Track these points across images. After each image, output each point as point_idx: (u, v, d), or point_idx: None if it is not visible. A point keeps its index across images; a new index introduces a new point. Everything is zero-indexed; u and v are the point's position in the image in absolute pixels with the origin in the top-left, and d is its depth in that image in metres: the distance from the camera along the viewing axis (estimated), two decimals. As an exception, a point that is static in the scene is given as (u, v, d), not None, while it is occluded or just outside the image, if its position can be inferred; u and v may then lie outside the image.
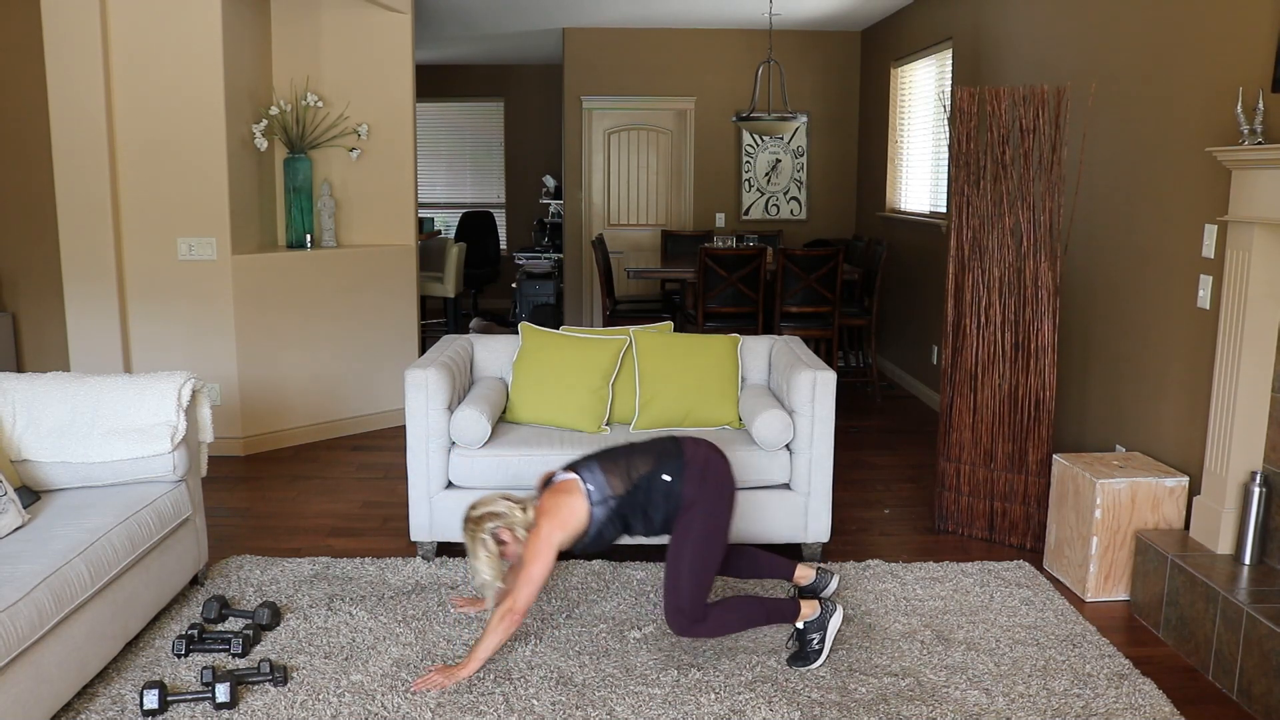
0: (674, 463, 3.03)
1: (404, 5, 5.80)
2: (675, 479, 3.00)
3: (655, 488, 3.00)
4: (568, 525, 2.95)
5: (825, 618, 3.10)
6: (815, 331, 6.29)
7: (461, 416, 3.74)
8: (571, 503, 2.96)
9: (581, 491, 2.98)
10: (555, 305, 9.21)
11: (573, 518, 2.95)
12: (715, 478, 3.04)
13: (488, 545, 2.91)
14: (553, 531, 2.92)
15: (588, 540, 3.02)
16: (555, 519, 2.93)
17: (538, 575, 2.90)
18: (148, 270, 5.10)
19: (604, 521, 2.99)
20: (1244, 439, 3.30)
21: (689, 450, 3.08)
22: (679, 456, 3.05)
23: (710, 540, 2.99)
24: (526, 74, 11.00)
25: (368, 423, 5.83)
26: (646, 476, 3.00)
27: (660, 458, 3.05)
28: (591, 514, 2.97)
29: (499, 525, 2.94)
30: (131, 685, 2.92)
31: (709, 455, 3.08)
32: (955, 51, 6.19)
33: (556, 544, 2.93)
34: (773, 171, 8.68)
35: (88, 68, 4.88)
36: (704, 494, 3.00)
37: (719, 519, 3.02)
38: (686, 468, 3.02)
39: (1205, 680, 3.11)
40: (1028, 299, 4.06)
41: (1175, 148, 3.77)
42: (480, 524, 2.93)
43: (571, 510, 2.96)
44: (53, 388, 3.34)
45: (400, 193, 5.97)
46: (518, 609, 2.92)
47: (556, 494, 2.99)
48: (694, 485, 3.00)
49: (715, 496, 3.02)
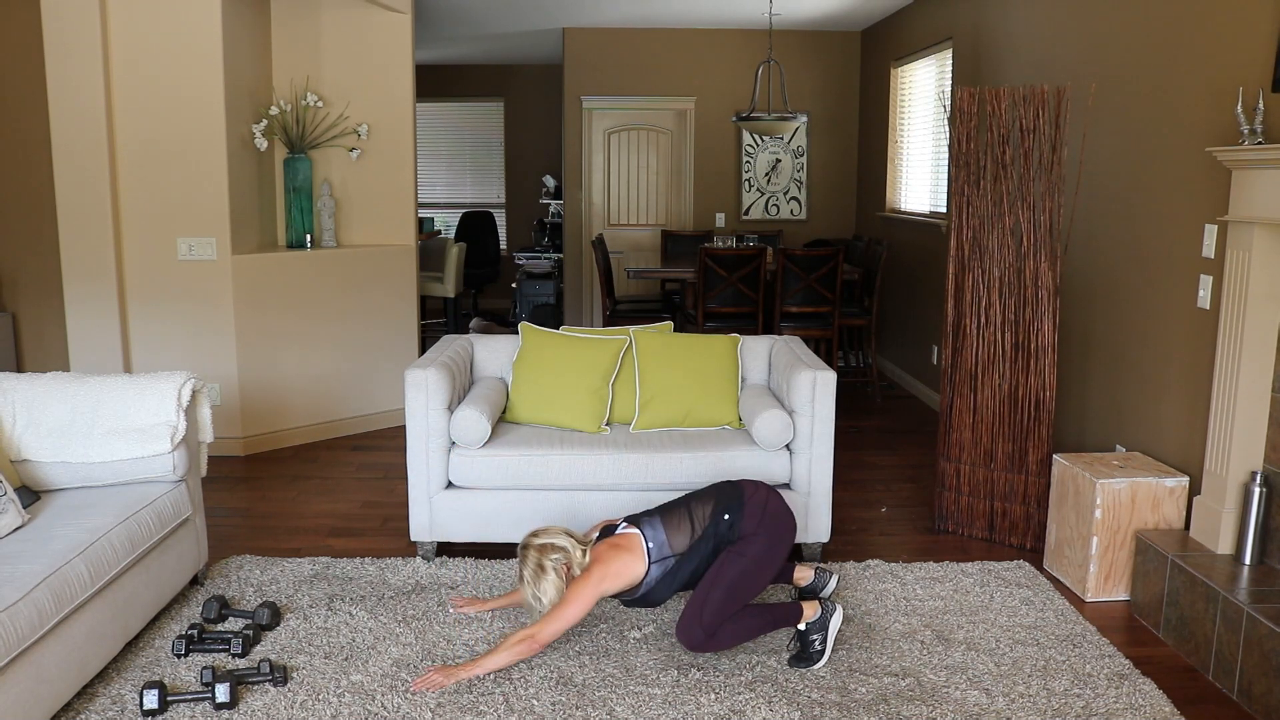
0: (734, 503, 3.09)
1: (404, 5, 5.80)
2: (735, 516, 3.06)
3: (718, 530, 3.05)
4: (619, 579, 2.99)
5: (826, 618, 3.11)
6: (815, 331, 6.29)
7: (461, 416, 3.74)
8: (629, 561, 3.00)
9: (642, 550, 3.02)
10: (555, 305, 9.21)
11: (626, 574, 3.00)
12: (776, 514, 3.11)
13: (558, 573, 2.97)
14: (602, 581, 2.96)
15: (636, 596, 3.06)
16: (608, 571, 2.97)
17: (571, 617, 2.94)
18: (148, 270, 5.10)
19: (658, 579, 3.03)
20: (1244, 439, 3.30)
21: (748, 491, 3.14)
22: (739, 498, 3.11)
23: (758, 568, 3.04)
24: (526, 74, 11.00)
25: (368, 423, 5.83)
26: (710, 522, 3.05)
27: (720, 500, 3.10)
28: (648, 571, 3.02)
29: (560, 560, 2.99)
30: (131, 685, 2.92)
31: (769, 496, 3.15)
32: (955, 51, 6.19)
33: (598, 595, 2.97)
34: (773, 171, 8.68)
35: (88, 68, 4.87)
36: (764, 525, 3.06)
37: (773, 553, 3.08)
38: (746, 505, 3.08)
39: (1205, 680, 3.11)
40: (1028, 299, 4.06)
41: (1175, 148, 3.77)
42: (545, 553, 3.00)
43: (627, 568, 3.00)
44: (53, 388, 3.34)
45: (400, 193, 5.97)
46: (539, 640, 2.95)
47: (617, 547, 3.03)
48: (754, 520, 3.07)
49: (773, 531, 3.08)
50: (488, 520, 3.81)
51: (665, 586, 3.05)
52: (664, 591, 3.07)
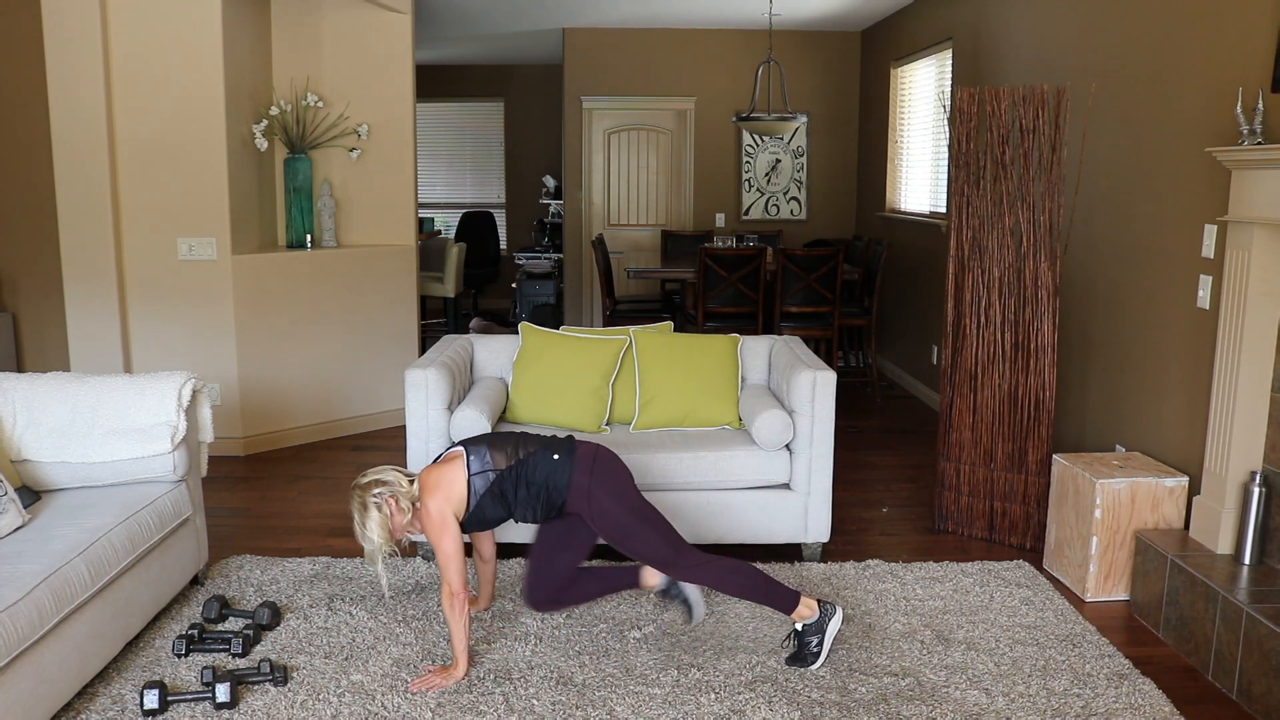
0: (564, 447, 3.07)
1: (404, 5, 5.80)
2: (564, 459, 3.03)
3: (541, 464, 3.02)
4: (450, 495, 2.96)
5: (824, 621, 3.08)
6: (815, 331, 6.29)
7: (462, 416, 3.74)
8: (450, 472, 2.99)
9: (462, 463, 3.01)
10: (555, 305, 9.21)
11: (453, 487, 2.97)
12: (605, 465, 3.07)
13: (381, 508, 2.92)
14: (440, 505, 2.94)
15: (468, 513, 3.02)
16: (438, 491, 2.95)
17: (450, 549, 2.93)
18: (148, 270, 5.10)
19: (484, 493, 3.00)
20: (1244, 439, 3.30)
21: (580, 445, 3.12)
22: (569, 445, 3.09)
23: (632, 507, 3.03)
24: (526, 74, 11.00)
25: (368, 423, 5.84)
26: (533, 454, 3.04)
27: (550, 443, 3.09)
28: (470, 484, 2.99)
29: (385, 493, 2.94)
30: (132, 685, 2.92)
31: (598, 450, 3.12)
32: (955, 51, 6.19)
33: (449, 514, 2.95)
34: (773, 172, 8.68)
35: (88, 68, 4.88)
36: (596, 481, 3.02)
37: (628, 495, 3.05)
38: (576, 452, 3.06)
39: (1205, 680, 3.11)
40: (1027, 299, 4.06)
41: (1175, 148, 3.77)
42: (367, 490, 2.94)
43: (451, 480, 2.98)
44: (53, 388, 3.34)
45: (400, 193, 5.97)
46: (455, 589, 2.93)
47: (438, 466, 3.02)
48: (584, 472, 3.02)
49: (612, 480, 3.05)
50: (488, 520, 3.81)
51: (493, 503, 3.02)
52: (493, 510, 3.03)
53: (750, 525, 3.83)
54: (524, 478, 3.01)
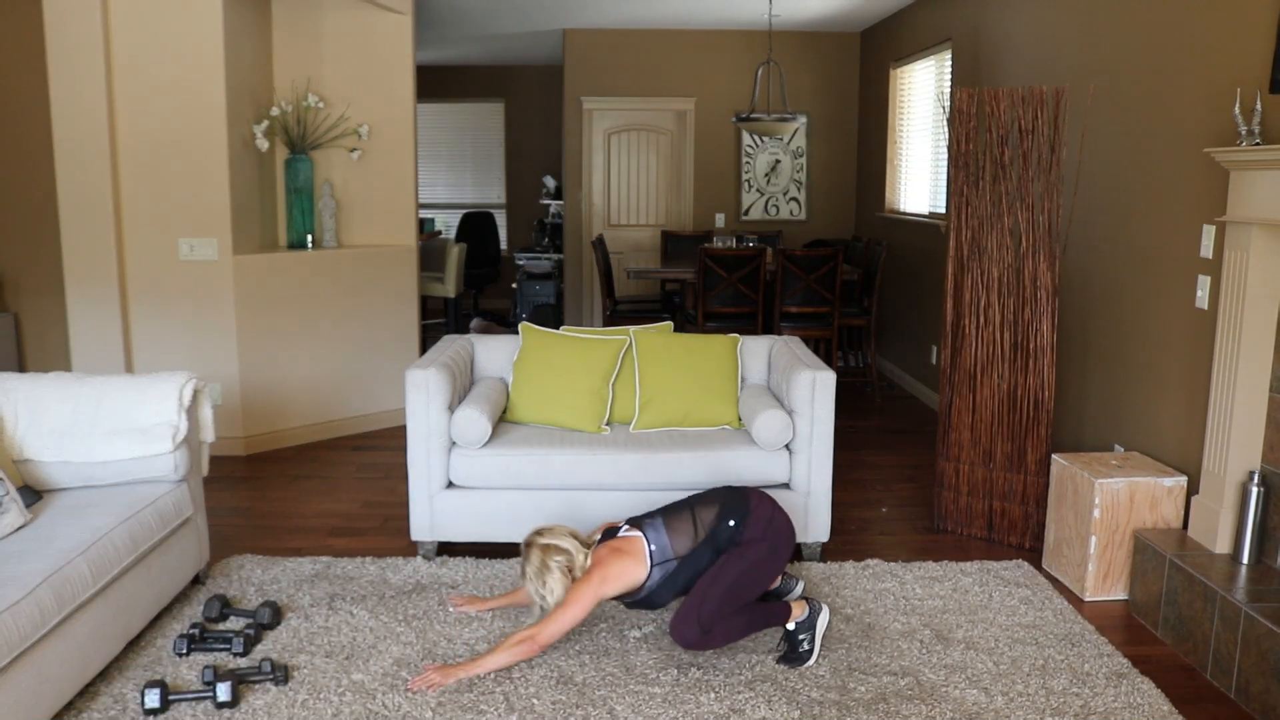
0: (740, 509, 3.09)
1: (404, 6, 5.81)
2: (739, 523, 3.06)
3: (720, 535, 3.05)
4: (619, 583, 3.00)
5: (814, 618, 3.11)
6: (815, 331, 6.30)
7: (462, 416, 3.75)
8: (631, 566, 3.00)
9: (644, 554, 3.02)
10: (555, 305, 9.22)
11: (627, 577, 3.00)
12: (781, 525, 3.11)
13: (562, 573, 2.99)
14: (603, 585, 2.97)
15: (638, 599, 3.07)
16: (608, 574, 2.98)
17: (571, 620, 2.95)
18: (149, 270, 5.11)
19: (659, 583, 3.03)
20: (1242, 439, 3.30)
21: (754, 500, 3.14)
22: (744, 504, 3.11)
23: (759, 571, 3.05)
24: (527, 75, 11.01)
25: (368, 422, 5.85)
26: (712, 528, 3.05)
27: (725, 505, 3.10)
28: (649, 575, 3.02)
29: (564, 562, 3.01)
30: (133, 684, 2.93)
31: (774, 510, 3.14)
32: (954, 52, 6.20)
33: (600, 597, 2.98)
34: (772, 172, 8.69)
35: (89, 68, 4.89)
36: (768, 533, 3.07)
37: (776, 557, 3.09)
38: (751, 514, 3.08)
39: (1203, 679, 3.12)
40: (1027, 299, 4.07)
41: (1174, 148, 3.78)
42: (548, 553, 3.01)
43: (628, 571, 3.00)
44: (55, 388, 3.35)
45: (401, 193, 5.98)
46: (540, 641, 2.96)
47: (618, 551, 3.03)
48: (759, 528, 3.07)
49: (776, 542, 3.09)
50: (488, 520, 3.83)
51: (666, 589, 3.05)
52: (665, 594, 3.07)
53: (750, 525, 3.84)
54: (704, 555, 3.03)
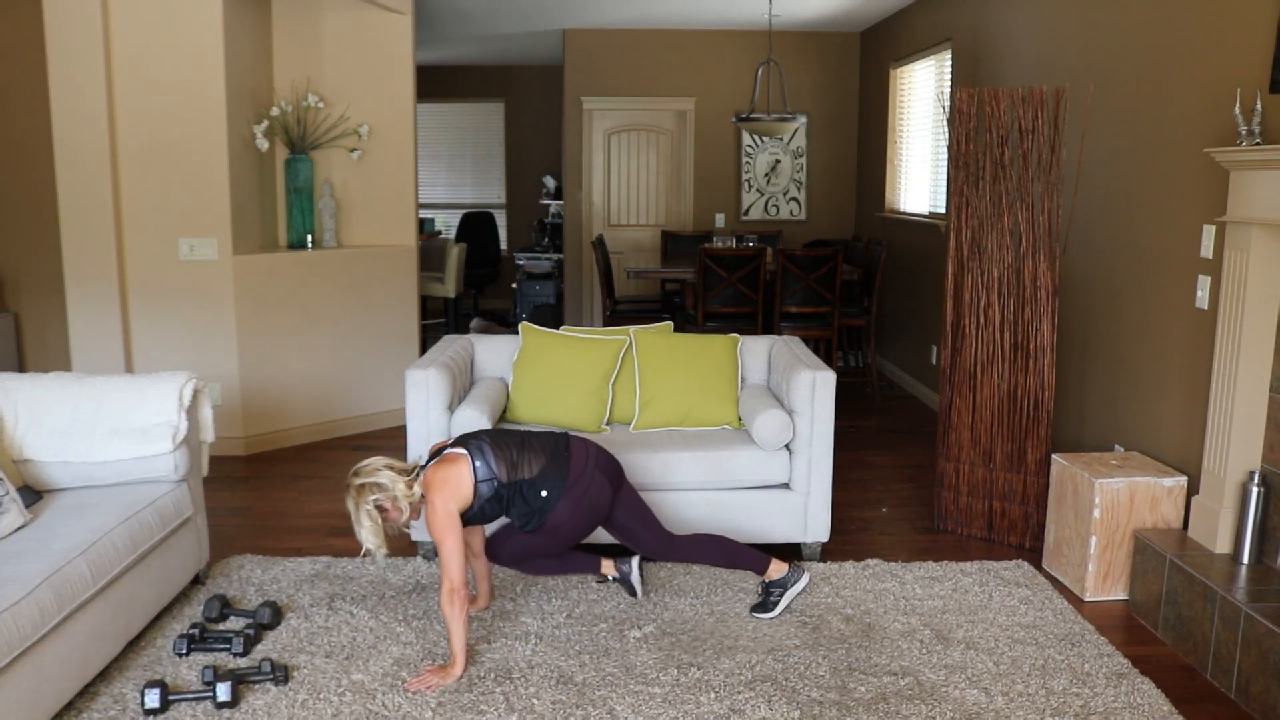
0: (558, 483, 3.12)
1: (404, 6, 5.81)
2: (550, 495, 3.11)
3: (529, 494, 3.10)
4: (457, 494, 3.02)
5: (788, 580, 3.39)
6: (815, 332, 6.30)
7: (462, 416, 3.75)
8: (458, 473, 3.03)
9: (469, 467, 3.05)
10: (555, 305, 9.22)
11: (461, 487, 3.02)
12: (590, 502, 3.17)
13: (372, 516, 2.98)
14: (447, 502, 2.99)
15: (470, 514, 3.08)
16: (445, 490, 3.00)
17: (454, 547, 2.97)
18: (149, 270, 5.11)
19: (487, 499, 3.07)
20: (1242, 439, 3.30)
21: (576, 466, 3.16)
22: (564, 477, 3.13)
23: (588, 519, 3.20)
24: (527, 75, 11.01)
25: (368, 422, 5.85)
26: (530, 480, 3.10)
27: (546, 469, 3.12)
28: (477, 489, 3.05)
29: (381, 498, 2.98)
30: (133, 684, 2.93)
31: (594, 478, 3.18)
32: (954, 52, 6.20)
33: (454, 512, 3.00)
34: (772, 172, 8.69)
35: (89, 68, 4.89)
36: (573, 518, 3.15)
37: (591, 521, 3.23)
38: (569, 490, 3.12)
39: (1203, 679, 3.12)
40: (1027, 299, 4.07)
41: (1174, 148, 3.78)
42: (363, 494, 2.98)
43: (460, 479, 3.02)
44: (54, 388, 3.35)
45: (401, 193, 5.98)
46: (455, 585, 2.95)
47: (445, 466, 3.04)
48: (566, 510, 3.13)
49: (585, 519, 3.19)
50: (488, 520, 3.82)
51: (493, 507, 3.10)
52: (492, 512, 3.12)
53: (750, 525, 3.84)
54: (520, 498, 3.11)
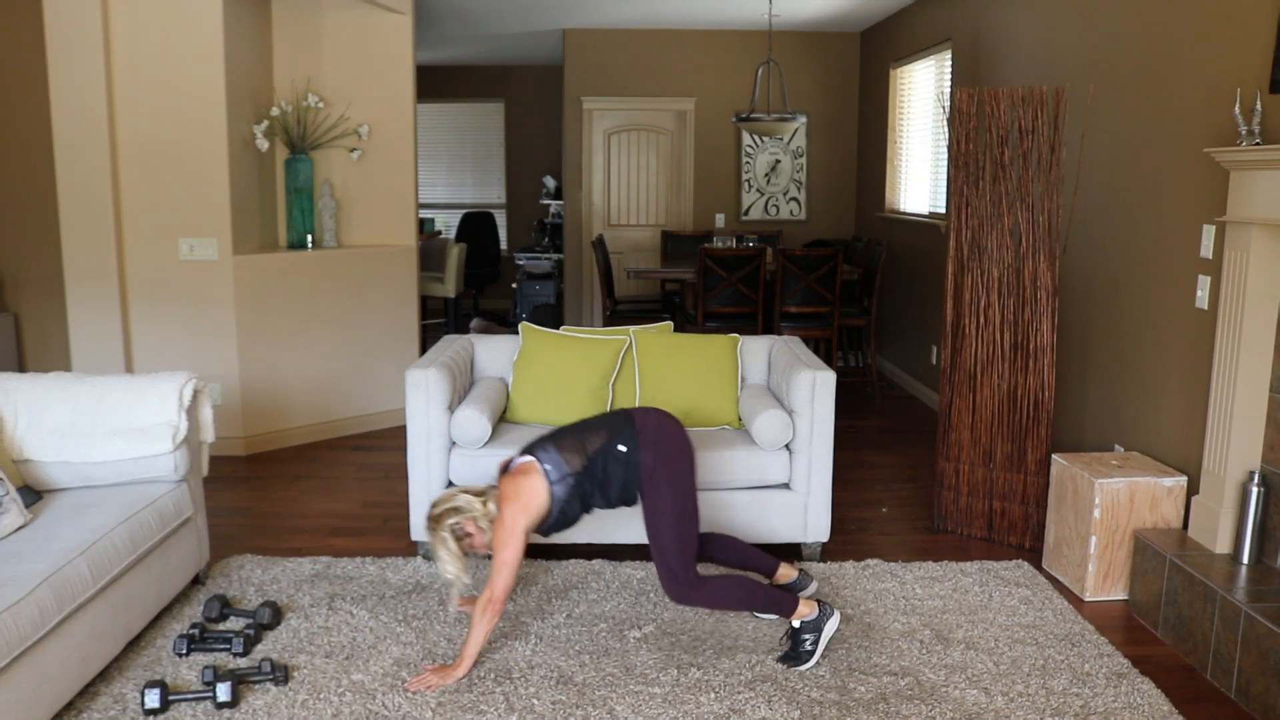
0: (627, 432, 3.06)
1: (404, 6, 5.81)
2: (630, 448, 3.03)
3: (612, 459, 3.02)
4: (530, 508, 2.97)
5: (822, 621, 3.10)
6: (815, 332, 6.30)
7: (462, 416, 3.75)
8: (531, 484, 2.98)
9: (540, 472, 3.00)
10: (555, 305, 9.22)
11: (534, 499, 2.98)
12: (670, 441, 3.07)
13: (449, 544, 2.95)
14: (516, 516, 2.95)
15: (551, 520, 3.04)
16: (517, 503, 2.96)
17: (510, 560, 2.94)
18: (149, 270, 5.11)
19: (565, 500, 3.01)
20: (1242, 439, 3.31)
21: (640, 419, 3.11)
22: (630, 426, 3.08)
23: (682, 504, 3.04)
24: (527, 75, 11.01)
25: (368, 422, 5.85)
26: (601, 450, 3.03)
27: (613, 430, 3.07)
28: (552, 493, 3.00)
29: (459, 520, 2.97)
30: (133, 684, 2.93)
31: (660, 421, 3.11)
32: (954, 52, 6.20)
33: (523, 528, 2.96)
34: (772, 172, 8.69)
35: (89, 68, 4.89)
36: (662, 459, 3.03)
37: (683, 481, 3.06)
38: (640, 435, 3.04)
39: (1203, 679, 3.12)
40: (1027, 299, 4.07)
41: (1174, 148, 3.78)
42: (440, 521, 2.97)
43: (532, 492, 2.98)
44: (54, 388, 3.35)
45: (401, 193, 5.98)
46: (497, 597, 2.94)
47: (515, 478, 3.01)
48: (650, 451, 3.03)
49: (674, 459, 3.05)
50: (488, 520, 3.82)
51: (574, 504, 3.04)
52: (574, 511, 3.06)
53: (750, 525, 3.84)
54: (599, 475, 3.03)
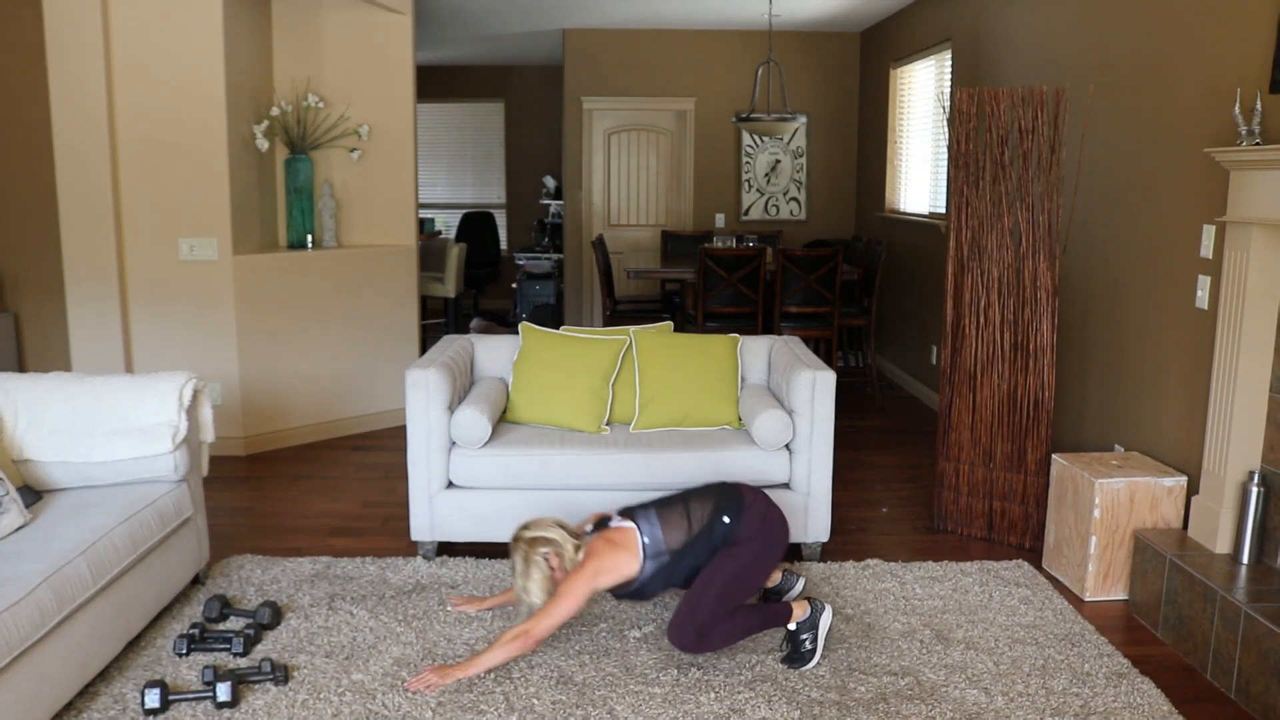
0: (734, 506, 3.06)
1: (404, 6, 5.81)
2: (734, 521, 3.03)
3: (714, 531, 3.03)
4: (613, 575, 2.98)
5: (816, 617, 3.10)
6: (815, 332, 6.30)
7: (462, 416, 3.75)
8: (624, 557, 2.98)
9: (637, 545, 3.00)
10: (555, 305, 9.22)
11: (620, 570, 2.98)
12: (774, 524, 3.10)
13: (543, 569, 2.96)
14: (596, 576, 2.95)
15: (629, 591, 3.05)
16: (602, 566, 2.95)
17: (564, 612, 2.93)
18: (149, 270, 5.11)
19: (652, 576, 3.01)
20: (1242, 439, 3.31)
21: (749, 496, 3.12)
22: (738, 500, 3.08)
23: (751, 573, 3.04)
24: (527, 75, 11.01)
25: (368, 422, 5.84)
26: (707, 523, 3.03)
27: (720, 501, 3.07)
28: (642, 568, 3.00)
29: (550, 552, 2.97)
30: (133, 684, 2.93)
31: (768, 507, 3.13)
32: (954, 52, 6.20)
33: (594, 590, 2.96)
34: (772, 172, 8.69)
35: (89, 68, 4.89)
36: (760, 536, 3.05)
37: (765, 560, 3.07)
38: (746, 512, 3.05)
39: (1203, 679, 3.12)
40: (1026, 299, 4.07)
41: (1174, 148, 3.78)
42: (534, 546, 2.97)
43: (621, 564, 2.98)
44: (54, 388, 3.35)
45: (401, 193, 5.98)
46: (534, 635, 2.94)
47: (612, 543, 3.00)
48: (753, 526, 3.05)
49: (772, 538, 3.08)
50: (488, 520, 3.82)
51: (658, 582, 3.04)
52: (657, 587, 3.06)
53: (750, 525, 3.84)
54: (698, 551, 3.01)
